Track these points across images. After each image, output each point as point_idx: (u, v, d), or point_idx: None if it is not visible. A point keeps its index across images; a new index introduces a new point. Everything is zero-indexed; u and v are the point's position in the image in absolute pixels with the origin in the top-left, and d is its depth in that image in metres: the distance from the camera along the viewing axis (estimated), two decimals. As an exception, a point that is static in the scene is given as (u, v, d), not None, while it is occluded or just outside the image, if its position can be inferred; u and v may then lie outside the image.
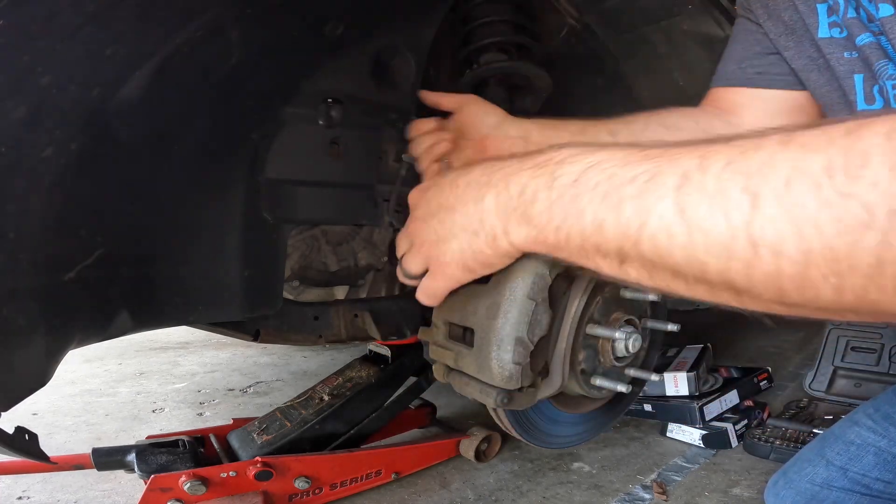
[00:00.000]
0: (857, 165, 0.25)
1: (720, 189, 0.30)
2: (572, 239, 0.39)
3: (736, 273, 0.30)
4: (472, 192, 0.49)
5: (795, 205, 0.26)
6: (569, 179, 0.40)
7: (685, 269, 0.33)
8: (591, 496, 1.02)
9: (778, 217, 0.27)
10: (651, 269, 0.35)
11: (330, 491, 0.99)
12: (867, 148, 0.25)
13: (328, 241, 1.00)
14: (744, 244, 0.29)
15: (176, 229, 0.66)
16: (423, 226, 0.54)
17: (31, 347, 0.52)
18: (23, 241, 0.49)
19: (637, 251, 0.35)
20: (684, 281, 0.34)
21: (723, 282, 0.31)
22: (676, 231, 0.32)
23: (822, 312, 0.29)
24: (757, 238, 0.28)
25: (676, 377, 1.33)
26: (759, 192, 0.28)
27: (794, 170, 0.27)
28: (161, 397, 1.69)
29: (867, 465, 0.76)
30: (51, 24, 0.42)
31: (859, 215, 0.24)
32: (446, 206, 0.52)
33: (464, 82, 0.92)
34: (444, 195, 0.53)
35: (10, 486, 1.07)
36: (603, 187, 0.37)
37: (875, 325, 1.58)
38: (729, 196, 0.29)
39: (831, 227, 0.25)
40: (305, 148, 0.76)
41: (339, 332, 1.01)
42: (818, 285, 0.27)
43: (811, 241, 0.26)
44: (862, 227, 0.24)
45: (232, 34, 0.58)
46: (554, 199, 0.40)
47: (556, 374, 0.67)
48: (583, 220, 0.38)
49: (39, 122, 0.46)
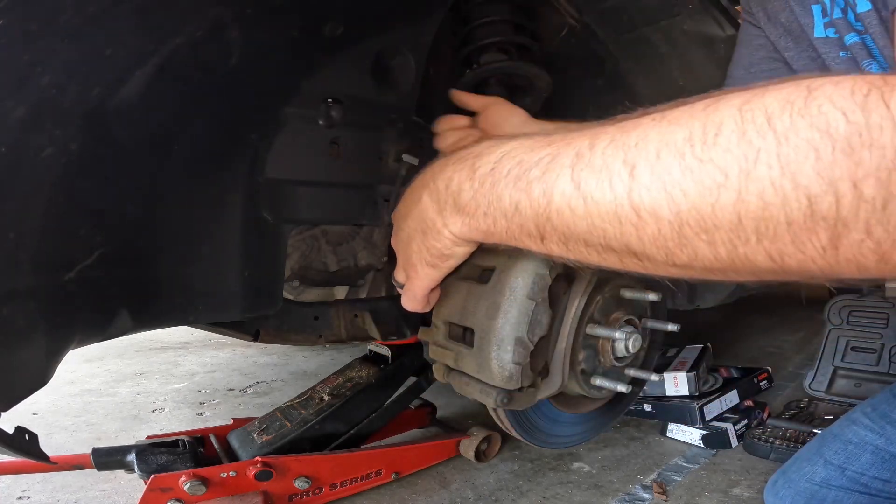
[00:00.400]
0: (713, 134, 0.29)
1: (605, 163, 0.34)
2: (498, 222, 0.43)
3: (630, 237, 0.33)
4: (414, 196, 0.54)
5: (664, 172, 0.30)
6: (486, 169, 0.44)
7: (591, 238, 0.36)
8: (591, 496, 1.02)
9: (651, 184, 0.31)
10: (566, 242, 0.39)
11: (330, 491, 0.99)
12: (721, 119, 0.29)
13: (328, 241, 1.00)
14: (628, 210, 0.32)
15: (176, 229, 0.66)
16: (395, 238, 0.60)
17: (31, 347, 0.52)
18: (23, 241, 0.49)
19: (551, 226, 0.39)
20: (595, 250, 0.37)
21: (623, 247, 0.35)
22: (576, 204, 0.36)
23: (711, 272, 0.33)
24: (637, 204, 0.32)
25: (676, 377, 1.33)
26: (635, 164, 0.32)
27: (662, 142, 0.31)
28: (161, 397, 1.69)
29: (865, 464, 0.76)
30: (51, 24, 0.42)
31: (716, 177, 0.28)
32: (403, 215, 0.57)
33: (464, 82, 0.92)
34: (402, 206, 0.58)
35: (10, 486, 1.07)
36: (514, 172, 0.41)
37: (875, 326, 1.58)
38: (612, 169, 0.33)
39: (694, 190, 0.29)
40: (305, 148, 0.76)
41: (339, 332, 1.01)
42: (695, 244, 0.31)
43: (680, 203, 0.30)
44: (719, 188, 0.28)
45: (232, 34, 0.58)
46: (476, 188, 0.45)
47: (556, 374, 0.67)
48: (503, 203, 0.42)
49: (39, 122, 0.46)
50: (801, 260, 0.28)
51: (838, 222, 0.25)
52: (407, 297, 0.61)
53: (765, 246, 0.28)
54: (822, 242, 0.26)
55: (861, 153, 0.24)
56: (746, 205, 0.28)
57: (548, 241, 0.40)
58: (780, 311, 3.17)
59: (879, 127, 0.24)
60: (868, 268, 0.27)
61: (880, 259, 0.26)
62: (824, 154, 0.25)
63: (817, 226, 0.26)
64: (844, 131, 0.25)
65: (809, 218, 0.26)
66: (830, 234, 0.26)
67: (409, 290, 0.60)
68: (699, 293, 1.24)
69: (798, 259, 0.28)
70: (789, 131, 0.26)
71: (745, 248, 0.29)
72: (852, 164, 0.24)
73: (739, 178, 0.27)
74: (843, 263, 0.27)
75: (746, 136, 0.27)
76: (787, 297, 3.67)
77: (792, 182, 0.26)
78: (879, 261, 0.26)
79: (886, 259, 0.26)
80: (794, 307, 3.31)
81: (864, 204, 0.25)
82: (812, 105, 0.26)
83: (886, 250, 0.25)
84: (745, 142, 0.27)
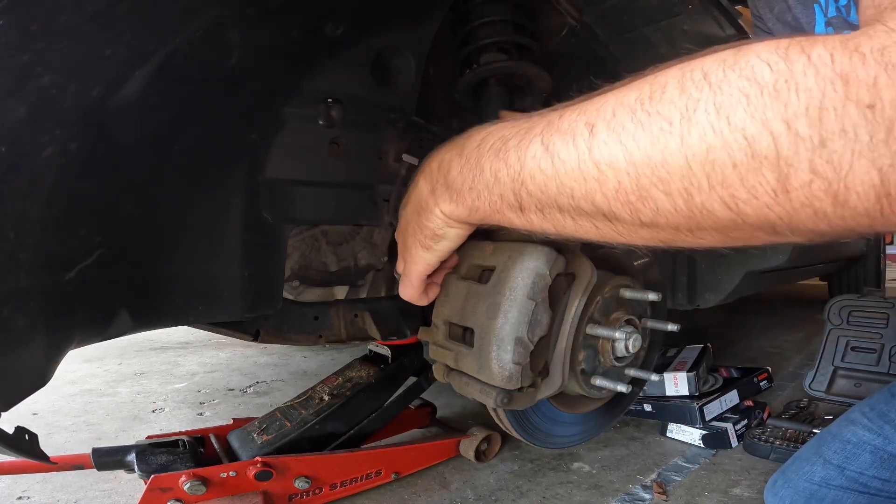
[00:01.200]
0: (659, 92, 0.32)
1: (570, 127, 0.38)
2: (482, 195, 0.46)
3: (595, 193, 0.36)
4: (414, 183, 0.57)
5: (619, 126, 0.34)
6: (472, 146, 0.48)
7: (562, 200, 0.39)
8: (591, 496, 1.02)
9: (608, 139, 0.34)
10: (542, 209, 0.42)
11: (330, 491, 0.99)
12: (666, 79, 0.33)
13: (328, 241, 1.00)
14: (590, 166, 0.36)
15: (176, 229, 0.66)
16: (398, 229, 0.63)
17: (31, 347, 0.52)
18: (23, 241, 0.49)
19: (526, 191, 0.42)
20: (570, 216, 0.40)
21: (591, 207, 0.37)
22: (545, 165, 0.39)
23: (678, 231, 0.35)
24: (597, 158, 0.35)
25: (676, 377, 1.33)
26: (595, 123, 0.36)
27: (617, 103, 0.35)
28: (161, 397, 1.69)
29: (864, 464, 0.76)
30: (51, 24, 0.42)
31: (662, 125, 0.31)
32: (404, 203, 0.60)
33: (464, 82, 0.92)
34: (406, 196, 0.61)
35: (10, 486, 1.07)
36: (496, 146, 0.44)
37: (875, 326, 1.58)
38: (576, 130, 0.37)
39: (644, 139, 0.32)
40: (305, 148, 0.76)
41: (339, 332, 1.01)
42: (653, 195, 0.33)
43: (633, 152, 0.33)
44: (665, 134, 0.31)
45: (232, 34, 0.58)
46: (463, 164, 0.48)
47: (556, 374, 0.67)
48: (485, 175, 0.45)
49: (39, 122, 0.46)
50: (756, 206, 0.29)
51: (780, 160, 0.27)
52: (403, 284, 0.63)
53: (718, 192, 0.30)
54: (770, 184, 0.28)
55: (788, 96, 0.27)
56: (691, 148, 0.30)
57: (527, 212, 0.43)
58: (780, 311, 3.17)
59: (803, 73, 0.26)
60: (825, 212, 0.27)
61: (835, 201, 0.27)
62: (754, 98, 0.28)
63: (762, 166, 0.28)
64: (770, 78, 0.27)
65: (751, 157, 0.28)
66: (777, 175, 0.28)
67: (404, 276, 0.62)
68: (699, 293, 1.24)
69: (754, 206, 0.29)
70: (722, 82, 0.29)
71: (700, 197, 0.31)
72: (781, 106, 0.27)
73: (682, 124, 0.30)
74: (800, 208, 0.28)
75: (686, 90, 0.31)
76: (787, 297, 3.68)
77: (728, 124, 0.28)
78: (835, 203, 0.27)
79: (842, 201, 0.27)
80: (794, 307, 3.31)
81: (802, 141, 0.26)
82: (741, 60, 0.29)
83: (839, 191, 0.26)
84: (685, 94, 0.31)
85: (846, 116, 0.25)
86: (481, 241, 0.65)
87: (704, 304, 1.24)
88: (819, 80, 0.26)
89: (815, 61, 0.26)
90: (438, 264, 0.60)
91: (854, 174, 0.26)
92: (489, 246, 0.64)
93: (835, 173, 0.26)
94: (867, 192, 0.26)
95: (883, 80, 0.24)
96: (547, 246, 0.61)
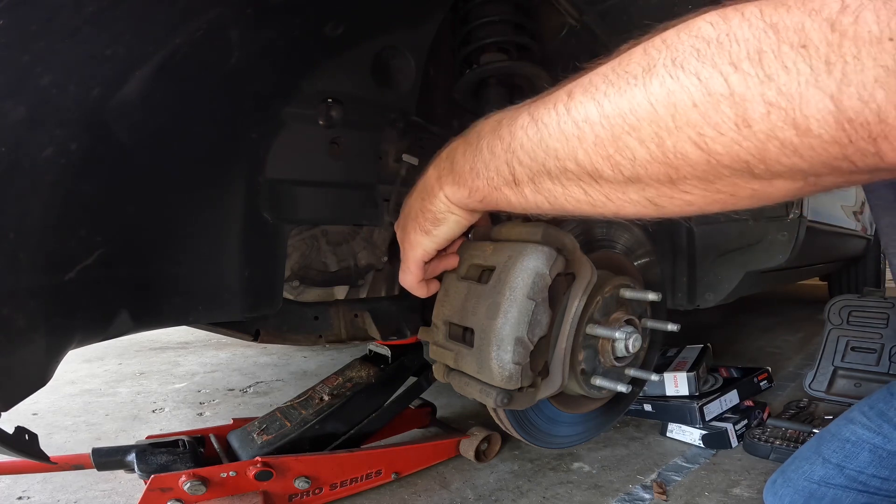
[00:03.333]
0: (626, 58, 0.37)
1: (552, 96, 0.42)
2: (480, 173, 0.49)
3: (576, 150, 0.39)
4: (423, 174, 0.60)
5: (592, 88, 0.38)
6: (474, 132, 0.51)
7: (550, 164, 0.42)
8: (591, 496, 1.02)
9: (583, 99, 0.38)
10: (533, 178, 0.44)
11: (330, 491, 0.99)
12: (633, 51, 0.37)
13: (328, 241, 1.00)
14: (570, 124, 0.39)
15: (176, 229, 0.66)
16: (399, 219, 0.64)
17: (31, 347, 0.52)
18: (23, 241, 0.49)
19: (518, 161, 0.45)
20: (560, 183, 0.43)
21: (576, 166, 0.40)
22: (531, 132, 0.43)
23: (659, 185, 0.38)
24: (575, 116, 0.39)
25: (676, 377, 1.33)
26: (572, 90, 0.40)
27: (593, 73, 0.39)
28: (161, 397, 1.69)
29: (863, 463, 0.76)
30: (51, 24, 0.42)
31: (628, 80, 0.36)
32: (410, 193, 0.62)
33: (464, 82, 0.92)
34: (413, 188, 0.63)
35: (10, 486, 1.07)
36: (492, 127, 0.48)
37: (875, 326, 1.58)
38: (556, 97, 0.41)
39: (614, 93, 0.36)
40: (305, 148, 0.76)
41: (339, 332, 1.01)
42: (627, 143, 0.36)
43: (605, 106, 0.37)
44: (631, 87, 0.35)
45: (232, 34, 0.58)
46: (466, 149, 0.52)
47: (556, 374, 0.67)
48: (483, 154, 0.49)
49: (39, 122, 0.46)
50: (724, 143, 0.32)
51: (734, 95, 0.30)
52: (402, 270, 0.64)
53: (686, 133, 0.33)
54: (731, 118, 0.31)
55: (730, 45, 0.31)
56: (653, 94, 0.34)
57: (520, 184, 0.46)
58: (780, 311, 3.17)
59: (739, 26, 0.31)
60: (793, 142, 0.30)
61: (798, 129, 0.29)
62: (703, 50, 0.32)
63: (719, 102, 0.31)
64: (713, 33, 0.32)
65: (707, 95, 0.31)
66: (734, 108, 0.31)
67: (403, 262, 0.64)
68: (699, 293, 1.24)
69: (722, 143, 0.32)
70: (676, 42, 0.34)
71: (671, 139, 0.34)
72: (725, 53, 0.31)
73: (644, 76, 0.35)
74: (766, 140, 0.30)
75: (648, 53, 0.35)
76: (787, 297, 3.68)
77: (683, 70, 0.32)
78: (798, 131, 0.29)
79: (804, 129, 0.29)
80: (794, 307, 3.31)
81: (749, 77, 0.30)
82: (691, 24, 0.34)
83: (797, 119, 0.29)
84: (647, 56, 0.35)
85: (783, 55, 0.28)
86: (482, 242, 0.66)
87: (704, 304, 1.24)
88: (753, 30, 0.30)
89: (747, 16, 0.30)
90: (436, 251, 0.61)
91: (807, 102, 0.28)
92: (489, 246, 0.64)
93: (788, 102, 0.29)
94: (826, 118, 0.28)
95: (808, 24, 0.28)
96: (547, 246, 0.61)
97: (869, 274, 2.92)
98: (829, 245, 1.96)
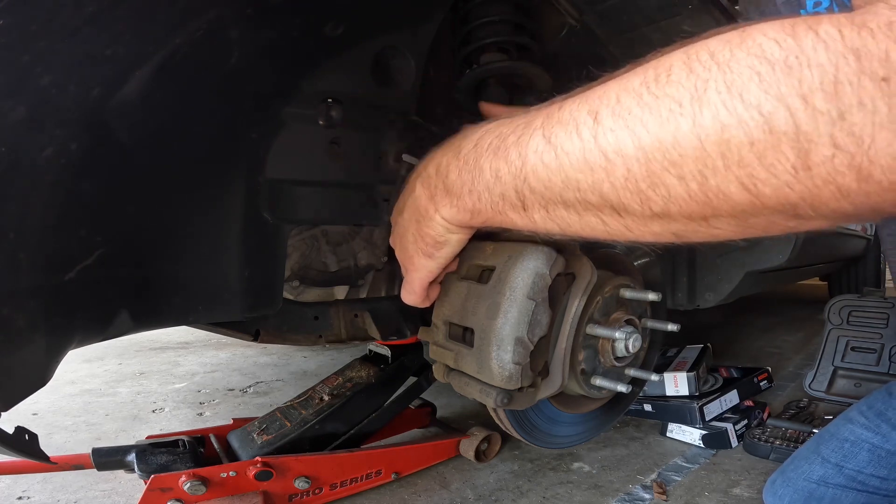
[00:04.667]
0: (665, 75, 0.31)
1: (572, 116, 0.36)
2: (483, 196, 0.45)
3: (602, 183, 0.35)
4: (408, 188, 0.56)
5: (625, 112, 0.33)
6: (470, 146, 0.46)
7: (568, 194, 0.37)
8: (591, 496, 1.02)
9: (615, 125, 0.33)
10: (546, 206, 0.40)
11: (330, 491, 0.99)
12: (671, 62, 0.32)
13: (328, 241, 1.00)
14: (597, 154, 0.34)
15: (176, 229, 0.66)
16: (393, 235, 0.62)
17: (31, 347, 0.52)
18: (23, 241, 0.49)
19: (529, 188, 0.40)
20: (575, 211, 0.38)
21: (599, 199, 0.36)
22: (548, 159, 0.37)
23: (691, 219, 0.33)
24: (604, 146, 0.34)
25: (676, 377, 1.33)
26: (598, 111, 0.34)
27: (620, 89, 0.34)
28: (161, 397, 1.69)
29: (862, 462, 0.77)
30: (51, 24, 0.42)
31: (672, 107, 0.30)
32: (399, 209, 0.59)
33: (464, 82, 0.92)
34: (399, 201, 0.59)
35: (10, 486, 1.07)
36: (494, 144, 0.43)
37: (875, 326, 1.58)
38: (578, 119, 0.36)
39: (654, 122, 0.31)
40: (305, 148, 0.76)
41: (339, 332, 1.01)
42: (665, 180, 0.32)
43: (642, 137, 0.32)
44: (676, 116, 0.30)
45: (232, 34, 0.58)
46: (461, 166, 0.46)
47: (556, 374, 0.67)
48: (485, 175, 0.44)
49: (39, 122, 0.46)
50: (775, 186, 0.28)
51: (800, 136, 0.26)
52: (405, 291, 0.63)
53: (734, 173, 0.29)
54: (790, 161, 0.27)
55: (801, 71, 0.26)
56: (704, 128, 0.29)
57: (530, 210, 0.41)
58: (780, 311, 3.17)
59: (813, 48, 0.26)
60: (849, 188, 0.26)
61: (859, 175, 0.26)
62: (766, 75, 0.27)
63: (780, 142, 0.27)
64: (780, 54, 0.27)
65: (769, 133, 0.27)
66: (797, 151, 0.27)
67: (407, 283, 0.61)
68: (699, 293, 1.24)
69: (773, 185, 0.28)
70: (731, 61, 0.28)
71: (716, 179, 0.30)
72: (795, 82, 0.26)
73: (692, 104, 0.29)
74: (822, 186, 0.27)
75: (694, 70, 0.30)
76: (787, 297, 3.67)
77: (741, 101, 0.28)
78: (859, 178, 0.26)
79: (865, 175, 0.26)
80: (794, 307, 3.30)
81: (821, 115, 0.26)
82: (748, 39, 0.28)
83: (862, 164, 0.26)
84: (693, 75, 0.30)
85: (862, 89, 0.25)
86: (481, 242, 0.66)
87: (704, 304, 1.24)
88: (830, 55, 0.25)
89: (823, 37, 0.26)
90: (441, 271, 0.60)
91: (877, 147, 0.25)
92: (489, 246, 0.64)
93: (857, 146, 0.25)
94: (891, 165, 0.25)
95: (895, 54, 0.24)
96: (547, 246, 0.61)
97: (869, 274, 2.92)
98: (828, 245, 1.96)
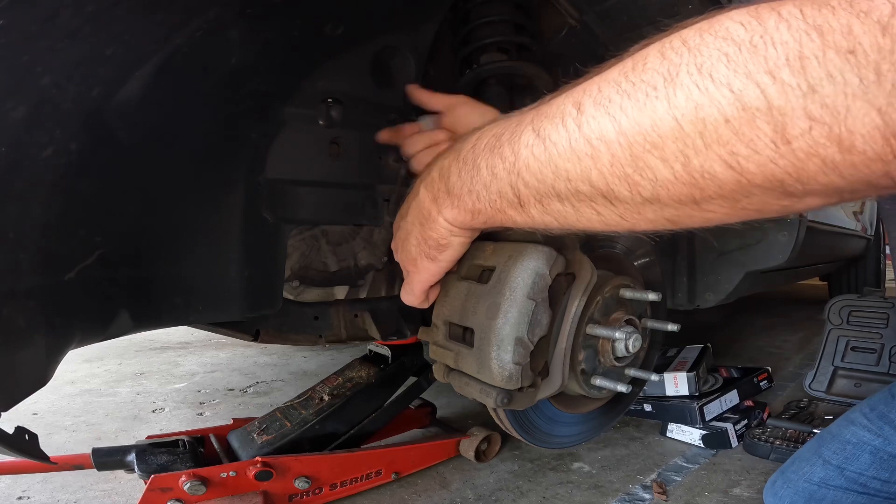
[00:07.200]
0: (641, 63, 0.33)
1: (558, 109, 0.38)
2: (482, 196, 0.46)
3: (590, 171, 0.36)
4: (413, 191, 0.57)
5: (605, 100, 0.34)
6: (468, 148, 0.48)
7: (559, 185, 0.38)
8: (591, 496, 1.02)
9: (596, 112, 0.35)
10: (541, 199, 0.41)
11: (330, 491, 0.99)
12: (647, 52, 0.33)
13: (328, 241, 1.00)
14: (582, 142, 0.35)
15: (176, 229, 0.66)
16: (395, 239, 0.62)
17: (31, 347, 0.52)
18: (23, 241, 0.49)
19: (523, 183, 0.41)
20: (569, 203, 0.39)
21: (589, 188, 0.37)
22: (538, 152, 0.39)
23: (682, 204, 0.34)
24: (587, 133, 0.35)
25: (676, 377, 1.33)
26: (581, 101, 0.36)
27: (601, 80, 0.35)
28: (161, 397, 1.69)
29: (863, 464, 0.76)
30: (51, 24, 0.42)
31: (647, 91, 0.32)
32: (403, 213, 0.59)
33: (464, 82, 0.92)
34: (403, 205, 0.60)
35: (10, 486, 1.07)
36: (490, 143, 0.45)
37: (875, 326, 1.58)
38: (564, 111, 0.37)
39: (631, 106, 0.32)
40: (305, 148, 0.76)
41: (339, 332, 1.01)
42: (649, 162, 0.33)
43: (622, 122, 0.33)
44: (651, 99, 0.31)
45: (232, 34, 0.58)
46: (461, 167, 0.48)
47: (556, 374, 0.67)
48: (482, 175, 0.45)
49: (39, 122, 0.46)
50: (759, 162, 0.29)
51: (773, 110, 0.27)
52: (405, 292, 0.63)
53: (716, 151, 0.30)
54: (768, 135, 0.28)
55: (766, 49, 0.27)
56: (678, 108, 0.30)
57: (526, 205, 0.43)
58: (780, 311, 3.17)
59: (776, 28, 0.27)
60: (834, 160, 0.27)
61: (841, 146, 0.26)
62: (733, 55, 0.28)
63: (754, 117, 0.28)
64: (745, 35, 0.28)
65: (742, 110, 0.28)
66: (772, 125, 0.27)
67: (408, 284, 0.62)
68: (699, 293, 1.24)
69: (756, 161, 0.29)
70: (700, 45, 0.30)
71: (699, 159, 0.31)
72: (761, 59, 0.27)
73: (666, 87, 0.31)
74: (806, 159, 0.27)
75: (667, 57, 0.31)
76: (787, 297, 3.67)
77: (711, 80, 0.29)
78: (841, 148, 0.26)
79: (847, 146, 0.26)
80: (794, 307, 3.31)
81: (790, 89, 0.26)
82: (715, 24, 0.30)
83: (842, 135, 0.26)
84: (666, 61, 0.31)
85: (829, 62, 0.25)
86: (481, 241, 0.65)
87: (704, 304, 1.24)
88: (793, 32, 0.26)
89: (786, 16, 0.27)
90: (443, 274, 0.60)
91: (853, 116, 0.25)
92: (489, 246, 0.64)
93: (833, 117, 0.26)
94: (872, 134, 0.25)
95: (857, 27, 0.25)
96: (547, 246, 0.61)
97: (869, 274, 2.92)
98: (829, 245, 1.96)
